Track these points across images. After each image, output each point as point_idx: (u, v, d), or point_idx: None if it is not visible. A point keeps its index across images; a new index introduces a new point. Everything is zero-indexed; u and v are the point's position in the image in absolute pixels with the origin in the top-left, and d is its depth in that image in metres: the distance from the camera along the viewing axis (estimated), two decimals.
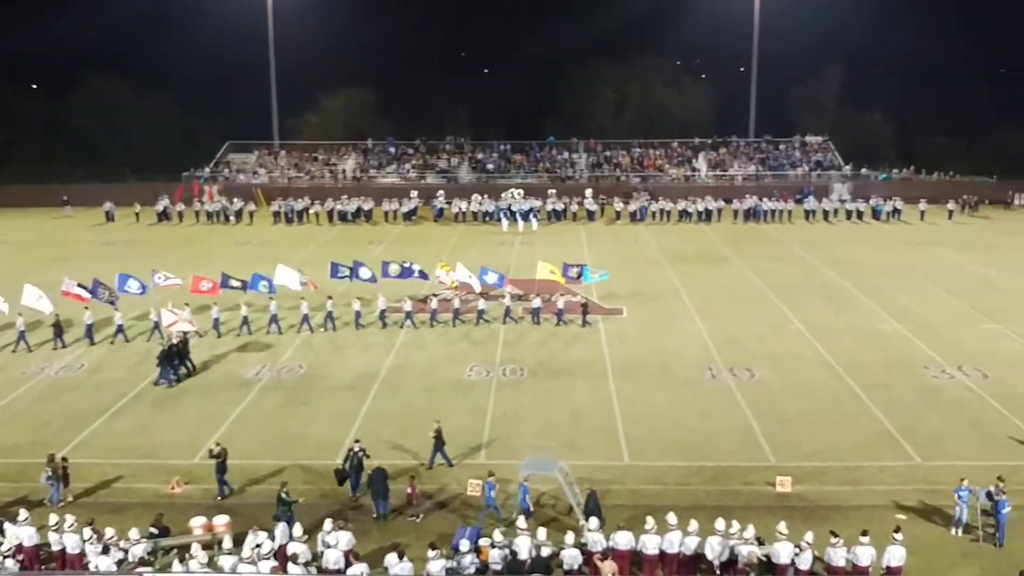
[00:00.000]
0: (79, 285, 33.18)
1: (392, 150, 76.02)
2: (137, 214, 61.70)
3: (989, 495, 18.73)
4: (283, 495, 19.03)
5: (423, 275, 37.11)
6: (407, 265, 36.96)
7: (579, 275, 36.99)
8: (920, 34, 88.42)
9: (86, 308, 32.46)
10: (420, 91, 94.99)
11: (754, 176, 71.39)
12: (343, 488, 20.67)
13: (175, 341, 29.13)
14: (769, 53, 77.78)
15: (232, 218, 61.71)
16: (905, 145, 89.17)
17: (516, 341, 32.53)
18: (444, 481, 21.49)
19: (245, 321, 33.38)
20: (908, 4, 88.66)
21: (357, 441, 20.95)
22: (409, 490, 19.80)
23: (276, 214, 61.72)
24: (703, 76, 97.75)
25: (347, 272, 36.28)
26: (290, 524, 18.02)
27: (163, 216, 61.78)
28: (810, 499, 20.51)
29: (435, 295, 36.16)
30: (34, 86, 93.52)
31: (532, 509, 19.60)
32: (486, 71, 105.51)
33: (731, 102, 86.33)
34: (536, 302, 35.17)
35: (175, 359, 28.55)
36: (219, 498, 20.73)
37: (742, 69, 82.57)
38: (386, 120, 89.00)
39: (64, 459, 21.02)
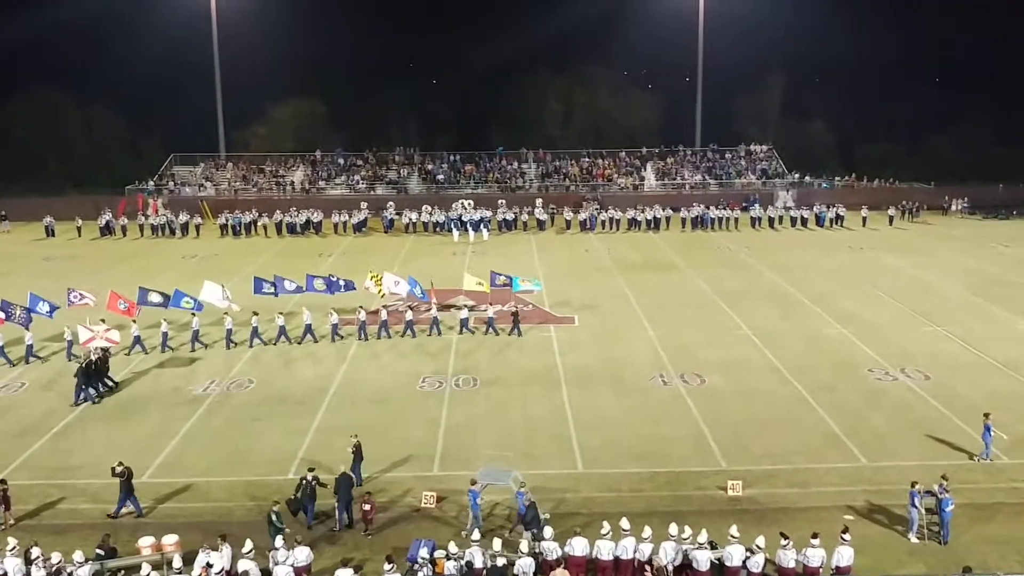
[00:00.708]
0: None
1: (341, 161, 75.57)
2: (79, 228, 60.32)
3: (932, 493, 19.19)
4: (273, 517, 18.53)
5: (349, 286, 36.45)
6: (333, 278, 36.46)
7: (508, 283, 36.98)
8: (859, 44, 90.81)
9: None
10: (369, 102, 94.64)
11: (701, 185, 72.43)
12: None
13: (93, 358, 28.38)
14: (714, 64, 79.14)
15: (178, 231, 60.70)
16: (846, 153, 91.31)
17: (468, 351, 32.47)
18: (396, 494, 21.34)
19: (165, 338, 32.53)
20: (848, 15, 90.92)
21: (311, 470, 20.40)
22: (367, 507, 19.58)
23: (223, 227, 60.85)
24: (649, 86, 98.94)
25: (271, 288, 35.60)
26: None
27: (106, 230, 60.50)
28: (761, 502, 20.81)
29: (361, 307, 35.26)
30: None
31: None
32: (434, 82, 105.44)
33: (677, 112, 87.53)
34: (463, 312, 35.13)
35: (94, 376, 27.91)
36: (137, 516, 20.37)
37: (687, 79, 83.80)
38: (336, 131, 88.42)
39: (3, 481, 20.39)
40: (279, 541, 17.43)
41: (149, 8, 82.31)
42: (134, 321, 32.79)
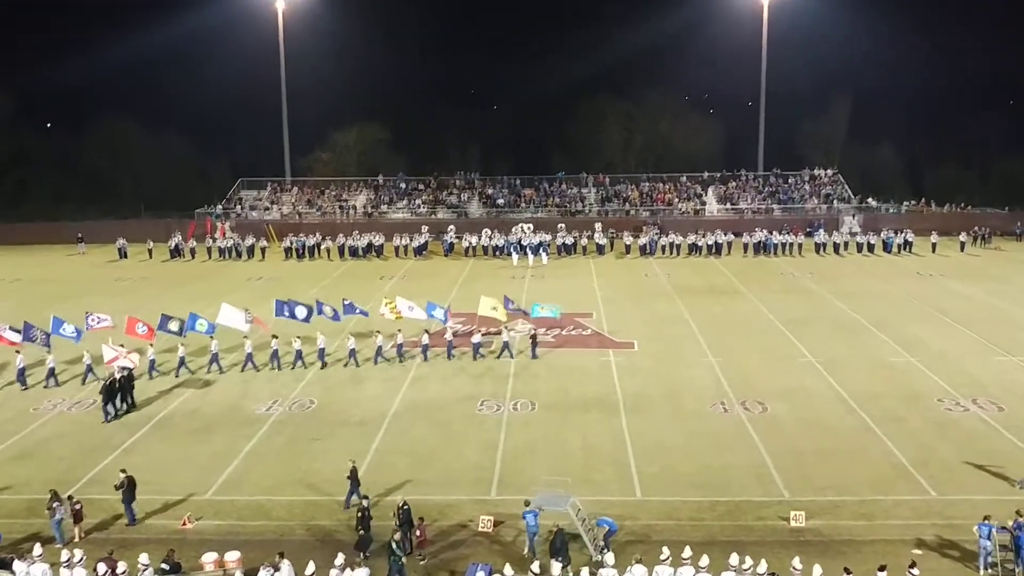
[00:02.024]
0: (11, 328, 32.80)
1: (403, 185, 76.55)
2: (150, 250, 62.11)
3: (1007, 529, 18.50)
4: (394, 544, 18.49)
5: (363, 312, 36.46)
6: (346, 303, 36.35)
7: (522, 309, 36.78)
8: (929, 66, 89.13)
9: (17, 352, 32.16)
10: (431, 127, 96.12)
11: (764, 209, 71.52)
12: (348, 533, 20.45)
13: (117, 376, 29.07)
14: (777, 87, 78.38)
15: (244, 254, 62.06)
16: (915, 177, 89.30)
17: (527, 375, 32.46)
18: (454, 518, 21.36)
19: (182, 362, 32.84)
20: (916, 37, 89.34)
21: (365, 497, 20.59)
22: (418, 532, 19.63)
23: (287, 250, 62.05)
24: (711, 111, 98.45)
25: (287, 312, 35.76)
26: (401, 574, 17.97)
27: (175, 252, 62.18)
28: (824, 534, 20.31)
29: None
30: (48, 125, 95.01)
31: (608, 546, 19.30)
32: (495, 107, 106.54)
33: (739, 136, 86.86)
34: (476, 337, 34.88)
35: (116, 394, 28.62)
36: (127, 524, 21.15)
37: (750, 104, 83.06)
38: (399, 156, 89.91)
39: (70, 497, 21.01)
40: (339, 558, 17.54)
41: (218, 39, 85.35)
42: (151, 345, 33.28)
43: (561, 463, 24.29)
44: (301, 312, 35.89)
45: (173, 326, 33.96)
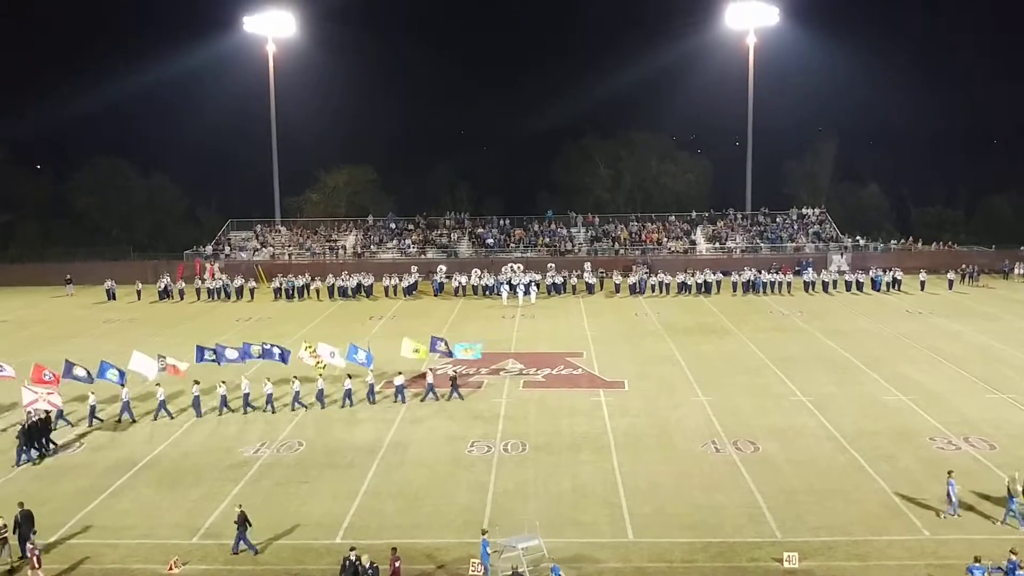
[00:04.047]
0: None
1: (393, 226, 76.74)
2: (138, 292, 61.92)
3: (1001, 570, 18.36)
4: None
5: (283, 358, 35.74)
6: (267, 346, 35.94)
7: (447, 351, 36.71)
8: (914, 106, 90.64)
9: None
10: (420, 168, 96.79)
11: (752, 248, 71.91)
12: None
13: (35, 419, 28.72)
14: (764, 127, 79.26)
15: (232, 295, 61.87)
16: (902, 215, 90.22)
17: (517, 416, 32.27)
18: (443, 561, 21.09)
19: (93, 411, 31.95)
20: (901, 78, 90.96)
21: (352, 549, 20.14)
22: (397, 564, 19.34)
23: (277, 290, 61.91)
24: (698, 151, 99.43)
25: (212, 356, 35.29)
26: None
27: (164, 294, 61.94)
28: (818, 575, 20.10)
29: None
30: (38, 167, 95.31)
31: None
32: (484, 148, 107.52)
33: (727, 176, 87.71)
34: (399, 379, 34.38)
35: (35, 437, 28.26)
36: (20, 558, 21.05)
37: (737, 143, 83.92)
38: (388, 196, 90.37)
39: (32, 544, 20.68)
40: None
41: (208, 81, 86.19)
42: (56, 393, 32.01)
43: (552, 504, 24.08)
44: (232, 354, 35.43)
45: (79, 372, 33.29)
